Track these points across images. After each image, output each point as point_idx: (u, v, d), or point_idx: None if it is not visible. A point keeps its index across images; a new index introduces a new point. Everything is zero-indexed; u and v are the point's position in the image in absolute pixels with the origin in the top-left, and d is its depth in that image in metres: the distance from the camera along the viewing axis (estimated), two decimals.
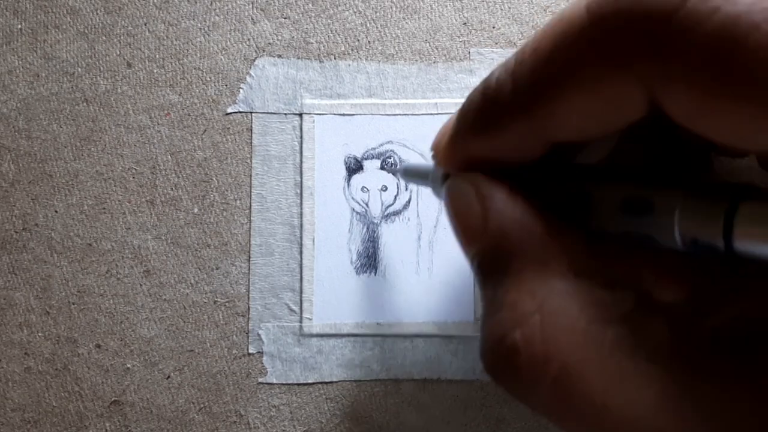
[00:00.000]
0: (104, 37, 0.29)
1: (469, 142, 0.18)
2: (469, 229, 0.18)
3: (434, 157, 0.20)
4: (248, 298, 0.28)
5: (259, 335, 0.28)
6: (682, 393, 0.14)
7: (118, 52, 0.29)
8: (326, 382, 0.28)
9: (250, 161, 0.29)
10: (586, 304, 0.15)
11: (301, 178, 0.29)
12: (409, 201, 0.29)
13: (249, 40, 0.29)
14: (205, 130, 0.29)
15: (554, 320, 0.15)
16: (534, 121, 0.16)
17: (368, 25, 0.29)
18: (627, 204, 0.16)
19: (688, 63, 0.13)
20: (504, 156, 0.17)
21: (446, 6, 0.29)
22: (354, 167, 0.29)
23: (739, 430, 0.14)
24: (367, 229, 0.29)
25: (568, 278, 0.16)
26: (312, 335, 0.28)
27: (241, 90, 0.29)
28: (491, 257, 0.17)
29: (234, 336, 0.28)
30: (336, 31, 0.29)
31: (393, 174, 0.28)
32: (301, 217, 0.28)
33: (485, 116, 0.17)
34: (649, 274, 0.17)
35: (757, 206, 0.14)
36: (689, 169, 0.18)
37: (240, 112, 0.29)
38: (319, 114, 0.29)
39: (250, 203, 0.29)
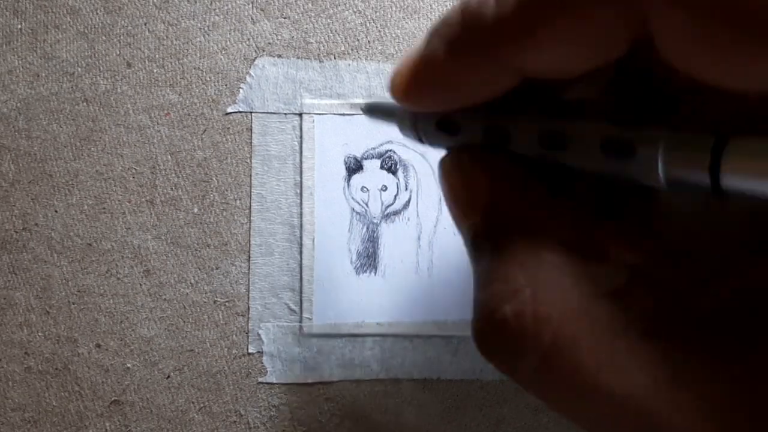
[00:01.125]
0: (104, 37, 0.29)
1: (439, 66, 0.16)
2: (464, 202, 0.18)
3: (392, 92, 0.18)
4: (248, 297, 0.28)
5: (259, 335, 0.28)
6: (675, 373, 0.14)
7: (118, 52, 0.29)
8: (326, 382, 0.28)
9: (250, 161, 0.29)
10: (579, 278, 0.15)
11: (301, 178, 0.29)
12: (409, 201, 0.29)
13: (249, 39, 0.29)
14: (205, 130, 0.29)
15: (546, 294, 0.15)
16: (516, 49, 0.14)
17: (368, 24, 0.29)
18: (607, 145, 0.15)
19: None
20: (473, 87, 0.16)
21: (446, 6, 0.29)
22: (354, 167, 0.29)
23: (732, 410, 0.13)
24: (367, 229, 0.29)
25: (560, 252, 0.15)
26: (312, 335, 0.28)
27: (240, 90, 0.29)
28: (484, 231, 0.17)
29: (234, 336, 0.28)
30: (336, 31, 0.29)
31: (393, 173, 0.28)
32: (301, 217, 0.29)
33: (464, 38, 0.15)
34: (607, 238, 0.17)
35: (746, 140, 0.13)
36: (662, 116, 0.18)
37: (240, 111, 0.29)
38: (319, 114, 0.29)
39: (250, 203, 0.29)
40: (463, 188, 0.18)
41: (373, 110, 0.22)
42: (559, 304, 0.15)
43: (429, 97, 0.17)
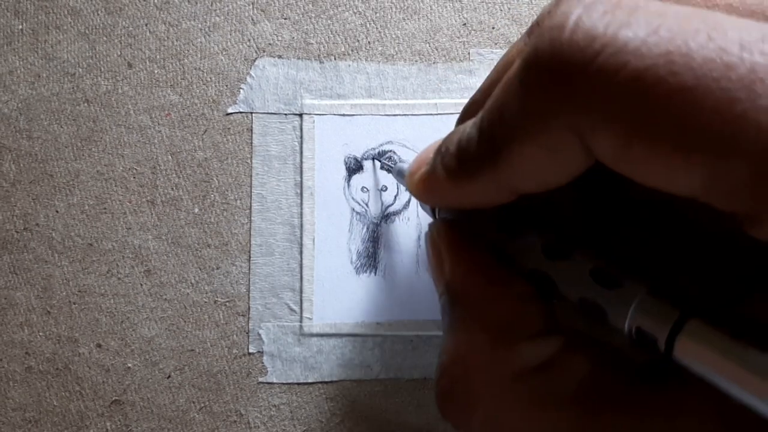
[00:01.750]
0: (105, 38, 0.29)
1: (441, 185, 0.19)
2: (435, 271, 0.21)
3: (409, 189, 0.21)
4: (248, 297, 0.28)
5: (259, 335, 0.28)
6: None
7: (119, 53, 0.29)
8: (326, 382, 0.28)
9: (251, 161, 0.29)
10: (507, 359, 0.17)
11: (302, 178, 0.29)
12: (408, 201, 0.29)
13: (249, 40, 0.29)
14: (205, 131, 0.29)
15: (475, 373, 0.17)
16: (496, 172, 0.17)
17: (368, 25, 0.29)
18: (596, 273, 0.17)
19: (605, 112, 0.14)
20: (473, 202, 0.19)
21: (446, 7, 0.29)
22: (354, 167, 0.29)
23: None
24: (367, 229, 0.29)
25: (493, 332, 0.18)
26: (312, 335, 0.28)
27: (241, 90, 0.29)
28: (445, 302, 0.20)
29: (234, 335, 0.28)
30: (336, 32, 0.29)
31: (388, 171, 0.29)
32: (302, 217, 0.29)
33: (457, 165, 0.18)
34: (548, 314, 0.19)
35: (701, 326, 0.15)
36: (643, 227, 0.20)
37: (240, 112, 0.29)
38: (319, 114, 0.29)
39: (251, 203, 0.29)
40: (434, 261, 0.21)
41: (402, 176, 0.25)
42: (486, 383, 0.17)
43: (438, 203, 0.21)
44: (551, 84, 0.14)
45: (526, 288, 0.19)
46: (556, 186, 0.17)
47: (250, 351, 0.28)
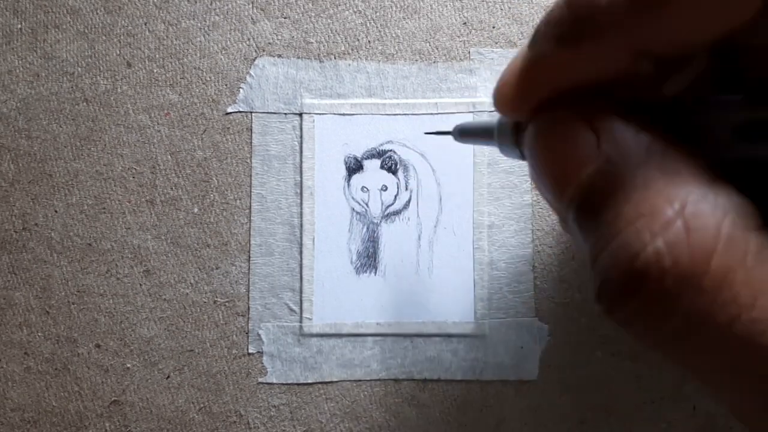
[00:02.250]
0: (104, 37, 0.29)
1: (550, 63, 0.16)
2: (572, 162, 0.16)
3: (499, 103, 0.17)
4: (248, 297, 0.28)
5: (258, 335, 0.28)
6: None
7: (118, 52, 0.29)
8: (326, 382, 0.28)
9: (250, 161, 0.29)
10: (728, 210, 0.14)
11: (301, 177, 0.29)
12: (409, 201, 0.29)
13: (249, 39, 0.29)
14: (205, 130, 0.29)
15: (699, 225, 0.14)
16: (637, 28, 0.14)
17: (368, 24, 0.29)
18: (740, 131, 0.15)
19: None
20: (589, 75, 0.16)
21: (446, 6, 0.29)
22: (354, 167, 0.29)
23: None
24: (367, 229, 0.29)
25: (704, 184, 0.14)
26: (312, 335, 0.28)
27: (241, 90, 0.29)
28: (605, 181, 0.15)
29: (234, 336, 0.28)
30: (336, 31, 0.29)
31: (393, 173, 0.28)
32: (301, 217, 0.28)
33: (577, 29, 0.15)
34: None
35: None
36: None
37: (240, 111, 0.29)
38: (319, 114, 0.29)
39: (250, 203, 0.29)
40: (573, 146, 0.16)
41: (467, 133, 0.22)
42: (713, 236, 0.14)
43: (541, 95, 0.17)
44: None
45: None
46: (701, 46, 0.14)
47: (250, 351, 0.28)
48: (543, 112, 0.17)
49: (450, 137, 0.23)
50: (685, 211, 0.14)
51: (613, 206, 0.15)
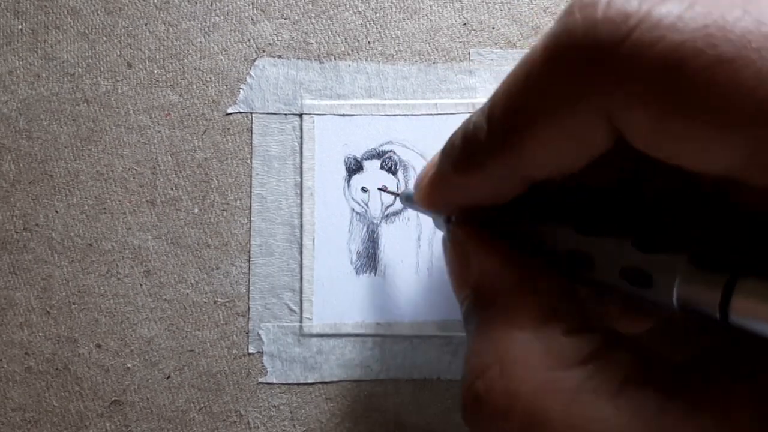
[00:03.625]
0: (105, 38, 0.29)
1: (449, 182, 0.19)
2: (458, 276, 0.20)
3: (418, 201, 0.21)
4: (248, 298, 0.28)
5: (259, 335, 0.28)
6: (647, 429, 0.15)
7: (119, 53, 0.29)
8: (326, 382, 0.28)
9: (250, 161, 0.29)
10: (548, 353, 0.16)
11: (301, 178, 0.29)
12: None
13: (249, 40, 0.29)
14: (205, 131, 0.29)
15: (515, 371, 0.16)
16: (509, 159, 0.16)
17: (368, 25, 0.29)
18: (627, 273, 0.17)
19: (639, 89, 0.14)
20: (484, 196, 0.18)
21: (446, 7, 0.29)
22: (354, 167, 0.29)
23: None
24: (367, 229, 0.29)
25: (531, 329, 0.17)
26: (312, 335, 0.28)
27: (241, 90, 0.29)
28: (471, 306, 0.19)
29: (234, 336, 0.28)
30: (336, 32, 0.29)
31: (393, 174, 0.28)
32: (301, 218, 0.29)
33: (465, 157, 0.18)
34: (614, 310, 0.19)
35: (756, 283, 0.14)
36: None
37: (240, 112, 0.29)
38: (319, 114, 0.29)
39: (250, 203, 0.29)
40: (458, 262, 0.20)
41: (410, 201, 0.25)
42: (527, 380, 0.16)
43: (447, 206, 0.20)
44: (583, 63, 0.14)
45: (561, 284, 0.18)
46: (569, 172, 0.16)
47: (250, 351, 0.28)
48: (455, 223, 0.21)
49: None
50: (505, 357, 0.17)
51: (470, 333, 0.18)
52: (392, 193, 0.28)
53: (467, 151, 0.18)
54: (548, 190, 0.18)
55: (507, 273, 0.18)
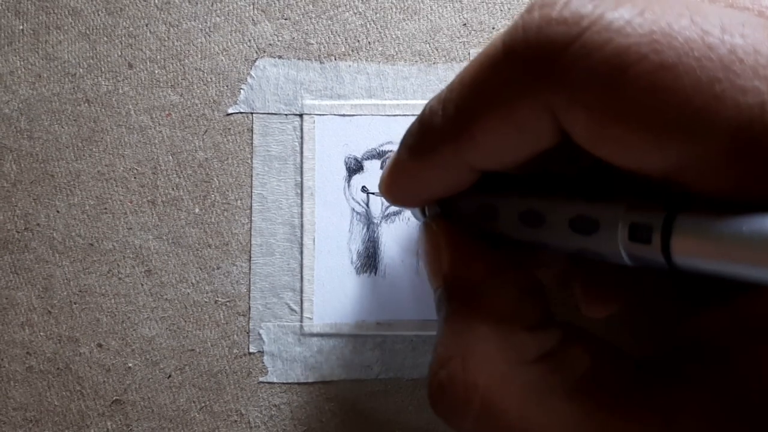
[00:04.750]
0: (106, 38, 0.29)
1: (406, 171, 0.19)
2: (431, 268, 0.20)
3: (380, 192, 0.21)
4: (249, 297, 0.28)
5: (259, 335, 0.28)
6: (597, 428, 0.15)
7: (120, 53, 0.29)
8: (326, 382, 0.28)
9: (251, 161, 0.29)
10: (507, 348, 0.17)
11: (302, 178, 0.29)
12: None
13: (250, 41, 0.29)
14: (206, 131, 0.29)
15: (474, 363, 0.17)
16: (459, 146, 0.17)
17: (368, 26, 0.29)
18: (575, 223, 0.17)
19: (584, 90, 0.14)
20: (438, 185, 0.19)
21: (446, 7, 0.29)
22: (354, 167, 0.29)
23: None
24: (368, 229, 0.29)
25: (493, 323, 0.17)
26: (312, 335, 0.28)
27: (241, 91, 0.29)
28: (442, 296, 0.19)
29: (235, 335, 0.28)
30: (336, 32, 0.29)
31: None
32: (302, 217, 0.29)
33: (420, 142, 0.18)
34: (579, 290, 0.20)
35: (694, 218, 0.14)
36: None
37: (241, 112, 0.29)
38: (320, 114, 0.29)
39: (251, 203, 0.29)
40: (431, 253, 0.20)
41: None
42: (486, 372, 0.17)
43: (406, 195, 0.21)
44: (533, 60, 0.15)
45: (526, 280, 0.19)
46: (514, 165, 0.17)
47: (251, 351, 0.28)
48: (429, 215, 0.21)
49: None
50: (466, 349, 0.17)
51: (440, 323, 0.19)
52: (374, 193, 0.29)
53: (422, 137, 0.18)
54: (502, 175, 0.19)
55: (474, 267, 0.19)
